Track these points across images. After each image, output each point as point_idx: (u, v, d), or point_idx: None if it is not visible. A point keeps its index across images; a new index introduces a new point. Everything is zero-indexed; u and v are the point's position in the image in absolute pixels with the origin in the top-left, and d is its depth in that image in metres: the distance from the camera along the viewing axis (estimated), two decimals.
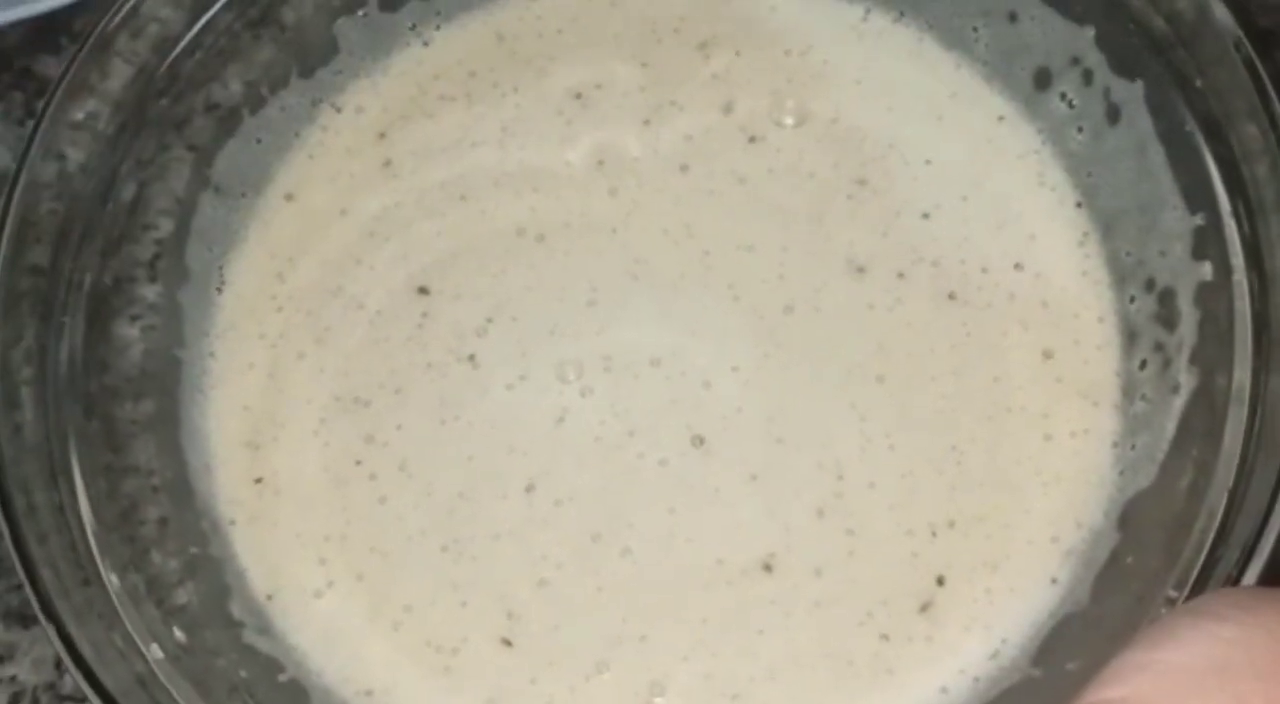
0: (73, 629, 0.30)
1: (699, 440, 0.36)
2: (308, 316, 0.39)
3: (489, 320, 0.38)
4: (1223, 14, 0.32)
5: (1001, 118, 0.38)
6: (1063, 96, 0.37)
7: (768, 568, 0.35)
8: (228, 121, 0.38)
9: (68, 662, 0.30)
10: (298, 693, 0.35)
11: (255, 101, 0.39)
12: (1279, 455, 0.29)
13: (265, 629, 0.36)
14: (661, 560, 0.36)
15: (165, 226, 0.38)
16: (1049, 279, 0.37)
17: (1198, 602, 0.27)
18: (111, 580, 0.33)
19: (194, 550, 0.36)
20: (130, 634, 0.32)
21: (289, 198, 0.40)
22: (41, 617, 0.31)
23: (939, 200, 0.38)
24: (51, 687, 0.40)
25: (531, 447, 0.37)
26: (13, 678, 0.40)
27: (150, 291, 0.37)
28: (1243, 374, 0.31)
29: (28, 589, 0.31)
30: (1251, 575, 0.28)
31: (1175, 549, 0.31)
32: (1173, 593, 0.30)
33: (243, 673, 0.34)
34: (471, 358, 0.38)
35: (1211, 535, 0.30)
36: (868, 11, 0.39)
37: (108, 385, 0.36)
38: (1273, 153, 0.31)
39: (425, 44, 0.41)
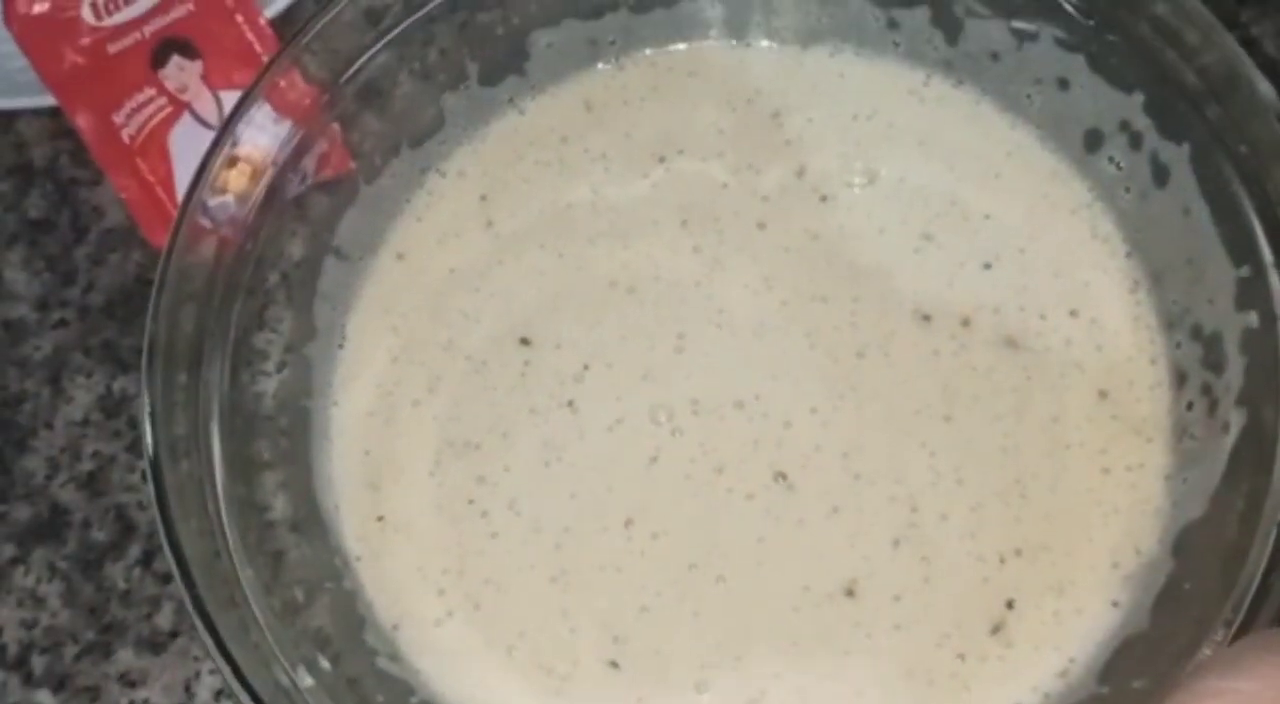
0: (231, 648, 0.33)
1: (781, 477, 0.39)
2: (420, 367, 0.41)
3: (586, 368, 0.41)
4: (1266, 88, 0.35)
5: (1055, 175, 0.41)
6: (1111, 160, 0.40)
7: (850, 593, 0.37)
8: (347, 191, 0.41)
9: (227, 673, 0.33)
10: None
11: (370, 172, 0.42)
12: None
13: (395, 656, 0.38)
14: (753, 587, 0.38)
15: (295, 288, 0.41)
16: (1103, 324, 0.39)
17: (1265, 635, 0.30)
18: (256, 610, 0.35)
19: (329, 584, 0.38)
20: (276, 655, 0.34)
21: (400, 258, 0.42)
22: (203, 631, 0.33)
23: (999, 252, 0.41)
24: None
25: (629, 484, 0.39)
26: (145, 701, 0.43)
27: (282, 347, 0.40)
28: None
29: (194, 616, 0.34)
30: None
31: (1230, 575, 0.32)
32: (1230, 615, 0.32)
33: (380, 697, 0.36)
34: (571, 403, 0.40)
35: (1264, 562, 0.32)
36: (929, 78, 0.42)
37: (246, 431, 0.38)
38: None
39: (521, 113, 0.44)
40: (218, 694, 0.43)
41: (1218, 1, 0.45)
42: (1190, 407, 0.38)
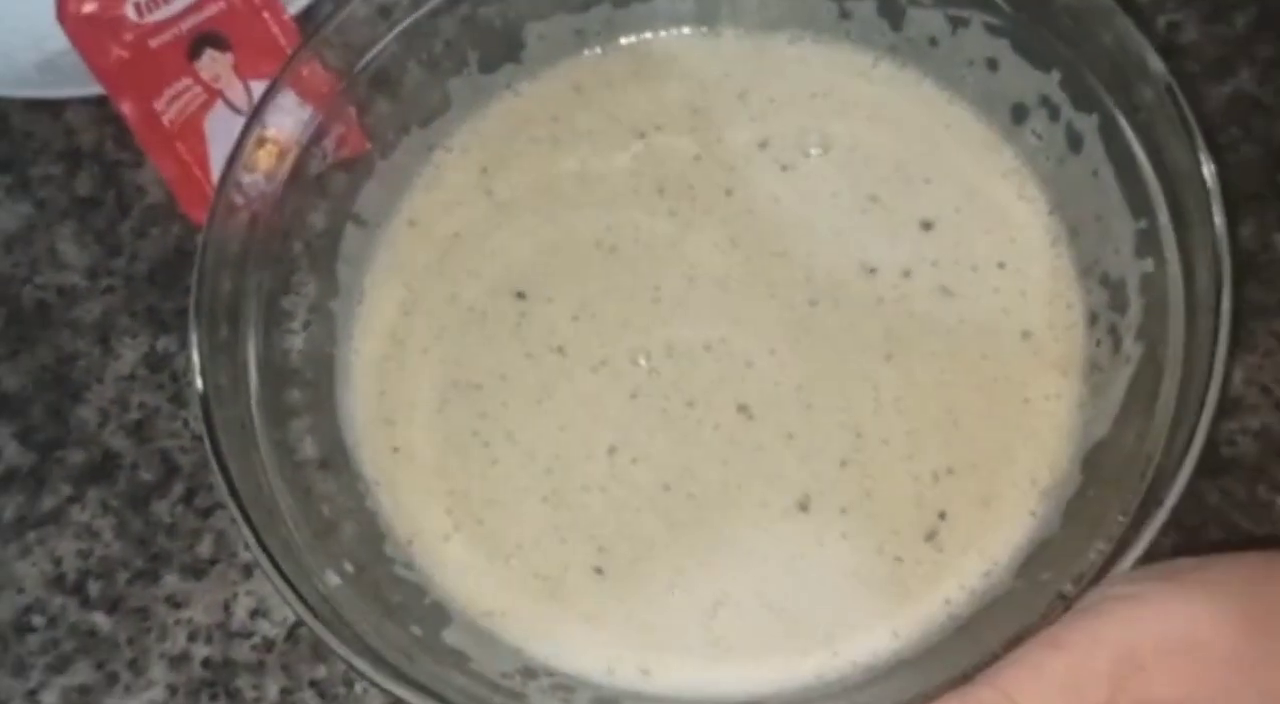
0: (278, 559, 0.36)
1: (744, 408, 0.42)
2: (429, 319, 0.44)
3: (574, 318, 0.44)
4: (1157, 64, 0.38)
5: (986, 144, 0.44)
6: (1034, 131, 0.43)
7: (803, 508, 0.41)
8: (364, 167, 0.45)
9: (275, 579, 0.36)
10: (439, 612, 0.40)
11: (384, 149, 0.45)
12: (1200, 411, 0.35)
13: (410, 565, 0.41)
14: (719, 503, 0.41)
15: (318, 253, 0.44)
16: (1027, 274, 0.43)
17: (1162, 564, 0.34)
18: (294, 529, 0.38)
19: (353, 506, 0.42)
20: (312, 566, 0.38)
21: (411, 224, 0.46)
22: (254, 546, 0.37)
23: (937, 212, 0.44)
24: (221, 626, 0.45)
25: (611, 418, 0.42)
26: (189, 619, 0.45)
27: (307, 307, 0.43)
28: (1176, 346, 0.37)
29: (246, 534, 0.37)
30: (1170, 501, 0.34)
31: (1125, 485, 0.36)
32: (1120, 518, 0.35)
33: (397, 597, 0.40)
34: (560, 348, 0.43)
35: (1151, 472, 0.35)
36: (877, 60, 0.46)
37: (279, 381, 0.41)
38: (1196, 172, 0.37)
39: (517, 95, 0.47)
40: (253, 613, 0.45)
41: None
42: (1099, 343, 0.41)
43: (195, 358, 0.39)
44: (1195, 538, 0.44)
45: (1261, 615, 0.30)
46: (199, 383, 0.38)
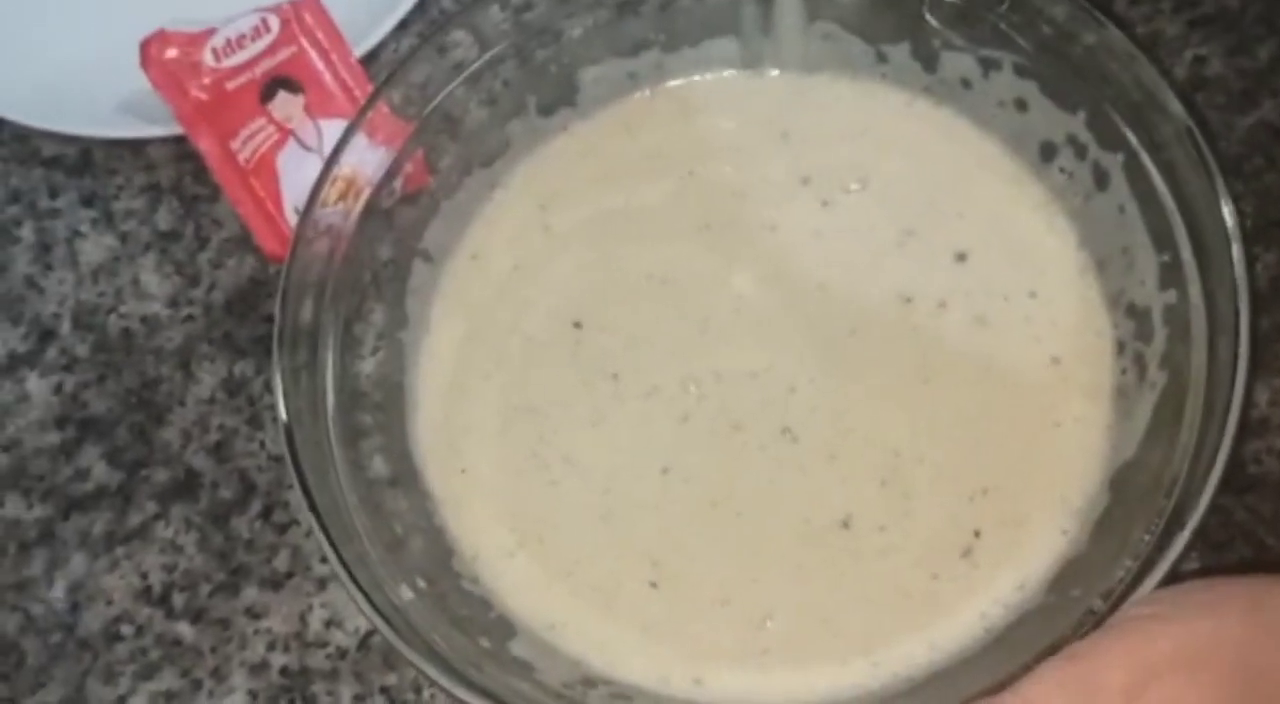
0: (354, 571, 0.38)
1: (788, 431, 0.44)
2: (491, 348, 0.46)
3: (627, 346, 0.45)
4: (1177, 108, 0.40)
5: (1017, 180, 0.46)
6: (1062, 169, 0.45)
7: (845, 525, 0.42)
8: (430, 204, 0.47)
9: (353, 591, 0.38)
10: (504, 625, 0.42)
11: (449, 188, 0.47)
12: (1221, 435, 0.36)
13: (475, 579, 0.43)
14: (765, 521, 0.42)
15: (387, 285, 0.46)
16: (1057, 304, 0.44)
17: (1192, 582, 0.36)
18: (369, 545, 0.40)
19: (422, 524, 0.44)
20: (385, 579, 0.39)
21: (474, 258, 0.48)
22: (334, 560, 0.38)
23: (970, 244, 0.45)
24: (298, 635, 0.47)
25: (663, 440, 0.44)
26: (269, 629, 0.47)
27: (376, 334, 0.45)
28: (1198, 373, 0.39)
29: (327, 549, 0.39)
30: (1193, 523, 0.36)
31: (1150, 504, 0.38)
32: (1145, 537, 0.37)
33: (464, 611, 0.41)
34: (615, 375, 0.45)
35: (1176, 494, 0.37)
36: (912, 101, 0.47)
37: (352, 404, 0.43)
38: (1216, 210, 0.39)
39: (572, 136, 0.49)
40: (327, 623, 0.47)
41: (1173, 21, 0.52)
42: (1125, 372, 0.43)
43: (278, 381, 0.40)
44: (1223, 553, 0.45)
45: (1260, 632, 0.33)
46: (282, 405, 0.40)
